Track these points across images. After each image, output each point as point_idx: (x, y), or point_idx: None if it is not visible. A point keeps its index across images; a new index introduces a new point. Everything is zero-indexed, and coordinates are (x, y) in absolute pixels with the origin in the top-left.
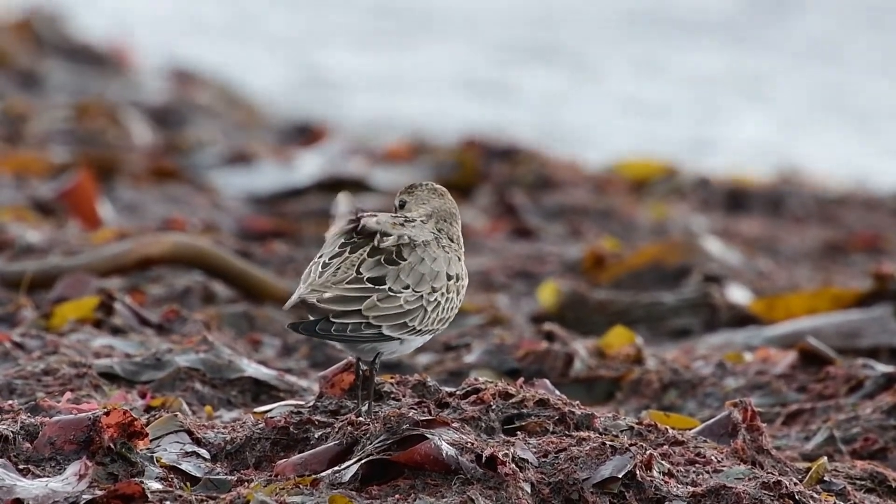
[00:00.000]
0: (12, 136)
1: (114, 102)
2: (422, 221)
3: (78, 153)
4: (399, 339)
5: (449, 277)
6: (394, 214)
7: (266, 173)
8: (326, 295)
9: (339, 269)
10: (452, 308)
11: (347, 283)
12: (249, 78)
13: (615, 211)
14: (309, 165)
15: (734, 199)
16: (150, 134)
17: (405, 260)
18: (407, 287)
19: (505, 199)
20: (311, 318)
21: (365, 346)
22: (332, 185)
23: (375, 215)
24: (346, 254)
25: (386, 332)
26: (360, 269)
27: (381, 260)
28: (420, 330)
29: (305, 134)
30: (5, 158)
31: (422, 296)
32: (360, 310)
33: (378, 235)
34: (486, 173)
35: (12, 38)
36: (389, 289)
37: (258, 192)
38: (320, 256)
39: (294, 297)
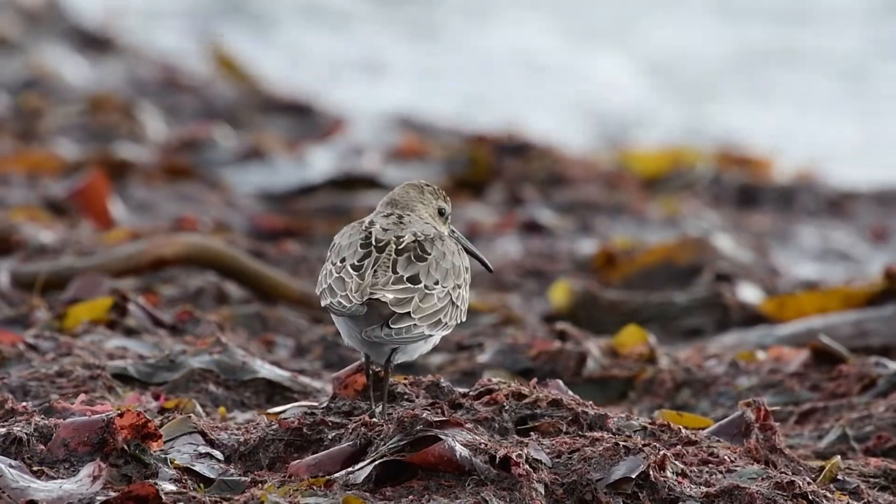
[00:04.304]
0: (26, 132)
1: (128, 97)
2: (407, 214)
3: (91, 150)
4: (432, 335)
5: (466, 270)
6: (384, 215)
7: (279, 170)
8: (389, 296)
9: (376, 269)
10: (467, 300)
11: (393, 283)
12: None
13: (626, 206)
14: (321, 162)
15: (746, 195)
16: (163, 128)
17: (430, 254)
18: (437, 283)
19: (516, 195)
20: (363, 319)
21: (385, 347)
22: (344, 183)
23: (375, 223)
24: (375, 253)
25: (427, 331)
26: (397, 269)
27: (411, 256)
28: (447, 324)
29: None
30: (18, 157)
31: (448, 291)
32: (409, 312)
33: (394, 237)
34: (498, 169)
35: (21, 25)
36: (425, 286)
37: (271, 189)
38: (342, 260)
39: (357, 299)
